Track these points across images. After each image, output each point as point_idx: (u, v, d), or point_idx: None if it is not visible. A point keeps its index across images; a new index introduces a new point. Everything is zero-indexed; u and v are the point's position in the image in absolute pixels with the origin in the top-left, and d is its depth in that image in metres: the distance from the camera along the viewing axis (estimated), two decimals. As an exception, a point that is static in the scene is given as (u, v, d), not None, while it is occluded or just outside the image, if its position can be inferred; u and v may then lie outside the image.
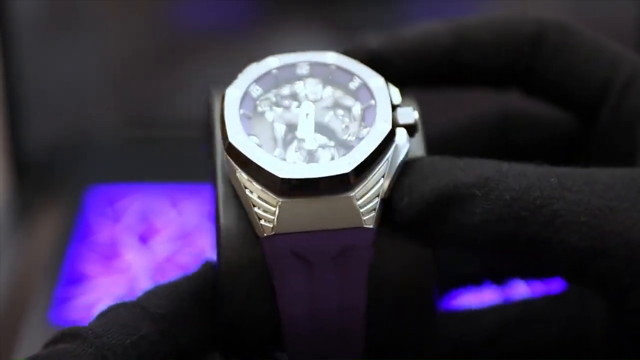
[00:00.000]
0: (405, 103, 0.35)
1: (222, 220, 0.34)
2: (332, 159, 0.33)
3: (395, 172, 0.33)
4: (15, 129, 0.71)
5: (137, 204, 0.67)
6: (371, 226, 0.33)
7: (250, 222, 0.33)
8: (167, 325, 0.33)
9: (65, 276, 0.59)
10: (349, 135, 0.34)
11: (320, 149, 0.34)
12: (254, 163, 0.32)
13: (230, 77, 0.36)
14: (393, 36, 0.38)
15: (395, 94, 0.35)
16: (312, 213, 0.32)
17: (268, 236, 0.32)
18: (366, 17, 0.70)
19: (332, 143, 0.34)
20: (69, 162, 0.71)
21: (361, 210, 0.32)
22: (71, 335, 0.32)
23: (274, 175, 0.32)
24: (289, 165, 0.32)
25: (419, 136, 0.35)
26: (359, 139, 0.33)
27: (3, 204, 0.70)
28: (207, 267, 0.35)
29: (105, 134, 0.73)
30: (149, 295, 0.34)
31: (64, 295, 0.58)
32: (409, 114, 0.34)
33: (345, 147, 0.34)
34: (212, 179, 0.36)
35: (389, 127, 0.33)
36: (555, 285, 0.42)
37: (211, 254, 0.35)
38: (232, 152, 0.33)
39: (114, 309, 0.33)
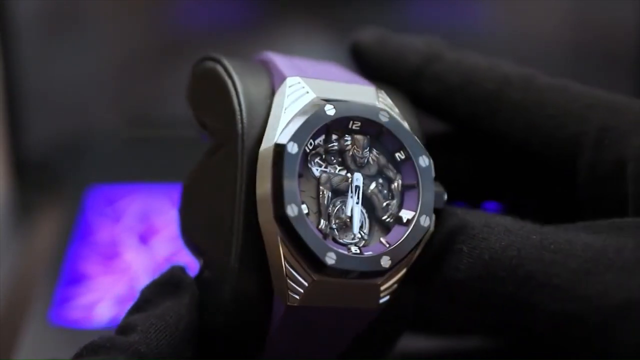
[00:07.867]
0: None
1: (236, 274, 0.34)
2: (367, 236, 0.34)
3: (414, 260, 0.34)
4: (15, 129, 0.71)
5: (137, 203, 0.67)
6: (378, 307, 0.34)
7: (265, 278, 0.33)
8: None
9: (65, 276, 0.59)
10: (388, 216, 0.35)
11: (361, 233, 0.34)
12: (304, 243, 0.32)
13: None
14: (380, 41, 0.39)
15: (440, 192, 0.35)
16: (338, 292, 0.33)
17: (291, 306, 0.33)
18: (366, 17, 0.70)
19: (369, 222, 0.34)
20: (69, 162, 0.71)
21: (381, 295, 0.34)
22: None
23: (323, 261, 0.32)
24: (334, 253, 0.32)
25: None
26: (396, 222, 0.34)
27: (3, 204, 0.70)
28: (191, 286, 0.35)
29: (105, 134, 0.73)
30: (143, 334, 0.33)
31: (64, 295, 0.58)
32: (441, 198, 0.35)
33: (383, 226, 0.34)
34: (209, 180, 0.35)
35: (431, 224, 0.34)
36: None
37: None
38: (285, 224, 0.32)
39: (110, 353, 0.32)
